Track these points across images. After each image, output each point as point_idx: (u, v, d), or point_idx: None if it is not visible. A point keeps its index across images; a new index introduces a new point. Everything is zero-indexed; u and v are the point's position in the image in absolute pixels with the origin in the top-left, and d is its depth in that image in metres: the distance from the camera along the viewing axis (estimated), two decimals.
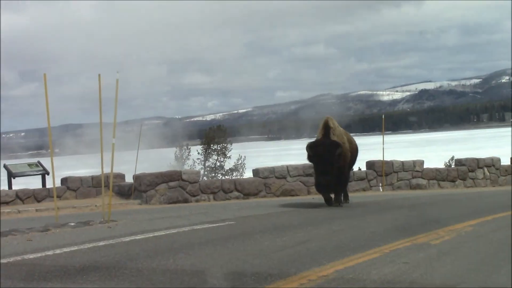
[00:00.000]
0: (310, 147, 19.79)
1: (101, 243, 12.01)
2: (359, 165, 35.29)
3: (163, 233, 13.53)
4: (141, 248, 11.43)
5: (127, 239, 12.64)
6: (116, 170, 29.39)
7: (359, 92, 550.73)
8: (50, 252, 11.00)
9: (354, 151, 21.56)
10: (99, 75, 16.81)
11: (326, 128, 20.01)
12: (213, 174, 61.77)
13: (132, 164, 27.12)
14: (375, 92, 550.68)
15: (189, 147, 68.22)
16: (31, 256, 10.70)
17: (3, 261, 10.23)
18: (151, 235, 13.14)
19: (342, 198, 21.07)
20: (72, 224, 15.42)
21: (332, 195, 20.60)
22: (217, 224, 15.14)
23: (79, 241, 12.33)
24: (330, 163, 19.33)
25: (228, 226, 14.79)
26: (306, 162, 21.25)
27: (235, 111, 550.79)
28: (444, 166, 41.90)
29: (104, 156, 17.71)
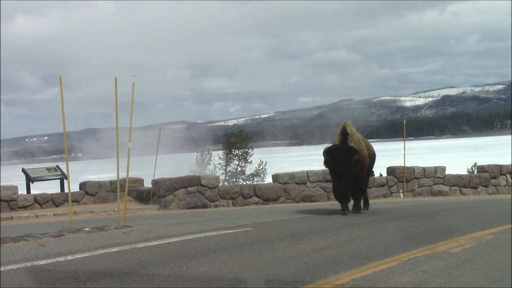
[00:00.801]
0: (327, 153, 19.30)
1: (114, 249, 11.84)
2: (380, 171, 34.96)
3: (178, 239, 13.33)
4: (155, 254, 11.24)
5: (141, 245, 12.46)
6: (137, 174, 29.38)
7: (381, 98, 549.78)
8: (61, 258, 10.84)
9: (371, 158, 21.19)
10: (115, 78, 16.70)
11: (344, 133, 19.59)
12: (234, 179, 61.69)
13: (153, 168, 26.96)
14: (397, 98, 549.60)
15: (210, 152, 68.19)
16: (42, 262, 10.54)
17: (13, 267, 10.09)
18: (166, 242, 12.95)
19: (362, 204, 20.78)
20: (87, 229, 15.26)
21: (352, 202, 20.31)
22: (234, 231, 14.92)
23: (92, 247, 12.16)
24: (347, 169, 18.88)
25: (244, 233, 14.57)
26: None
27: (257, 116, 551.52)
28: (466, 173, 41.46)
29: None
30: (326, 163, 19.45)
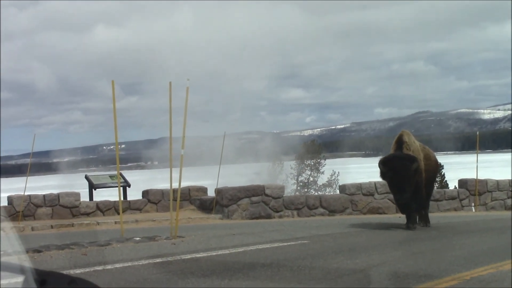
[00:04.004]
0: (382, 163, 17.88)
1: (158, 260, 11.32)
2: (455, 183, 33.78)
3: (228, 251, 12.75)
4: (199, 266, 10.67)
5: (187, 256, 11.90)
6: (205, 183, 28.93)
7: (459, 110, 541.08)
8: (100, 267, 10.37)
9: (433, 169, 19.90)
10: (170, 83, 16.23)
11: (400, 142, 18.19)
12: (306, 190, 61.04)
13: (225, 177, 26.45)
14: (475, 110, 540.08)
15: (282, 162, 67.60)
16: (78, 271, 10.08)
17: None
18: (214, 253, 12.38)
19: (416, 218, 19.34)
20: (137, 239, 14.80)
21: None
22: (289, 243, 14.27)
23: (136, 257, 11.67)
24: (407, 179, 17.36)
25: (299, 246, 13.90)
26: None
27: (332, 127, 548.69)
28: None
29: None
30: (382, 174, 18.00)
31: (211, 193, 28.06)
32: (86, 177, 28.15)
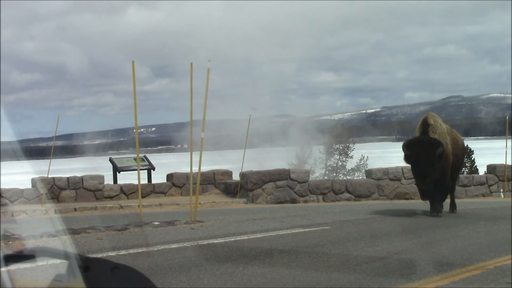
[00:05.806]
0: (406, 146, 17.38)
1: (174, 246, 11.11)
2: (485, 169, 33.40)
3: (246, 237, 12.50)
4: (215, 252, 10.46)
5: (205, 242, 11.68)
6: (232, 167, 28.71)
7: (490, 95, 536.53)
8: (113, 253, 10.18)
9: (460, 154, 19.38)
10: (191, 64, 15.97)
11: (425, 125, 17.70)
12: (334, 174, 60.73)
13: (252, 161, 26.20)
14: (507, 95, 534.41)
15: (311, 146, 67.22)
16: (90, 256, 9.84)
17: (55, 261, 9.42)
18: (232, 239, 12.14)
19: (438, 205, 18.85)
20: (156, 223, 14.59)
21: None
22: (310, 229, 14.00)
23: (152, 242, 11.48)
24: (430, 164, 16.83)
25: (320, 232, 13.63)
26: None
27: (363, 111, 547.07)
28: None
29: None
30: (406, 158, 17.48)
31: (236, 177, 27.86)
32: (111, 160, 28.01)
